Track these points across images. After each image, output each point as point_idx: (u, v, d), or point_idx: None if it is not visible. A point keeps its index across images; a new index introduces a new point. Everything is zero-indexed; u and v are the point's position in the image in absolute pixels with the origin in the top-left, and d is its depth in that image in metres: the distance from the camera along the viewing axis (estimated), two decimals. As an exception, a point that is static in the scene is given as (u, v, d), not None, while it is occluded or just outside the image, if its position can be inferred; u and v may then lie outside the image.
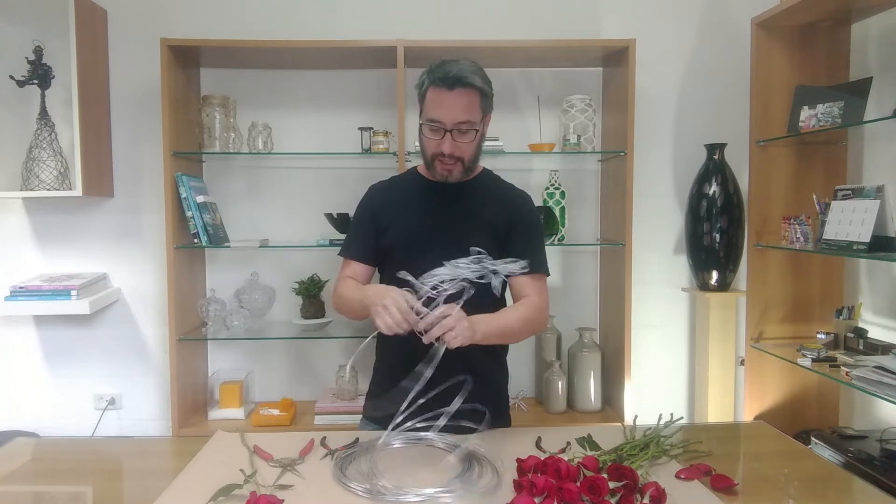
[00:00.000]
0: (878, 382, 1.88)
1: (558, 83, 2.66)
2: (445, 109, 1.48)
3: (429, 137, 1.53)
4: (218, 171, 2.64)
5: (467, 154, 1.55)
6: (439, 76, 1.48)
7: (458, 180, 1.59)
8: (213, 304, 2.48)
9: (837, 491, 1.32)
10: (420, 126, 1.57)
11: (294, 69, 2.62)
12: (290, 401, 2.49)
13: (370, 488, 1.19)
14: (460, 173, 1.57)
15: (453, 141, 1.50)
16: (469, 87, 1.48)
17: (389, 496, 1.16)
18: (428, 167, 1.59)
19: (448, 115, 1.48)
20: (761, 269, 2.48)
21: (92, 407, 2.66)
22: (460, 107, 1.48)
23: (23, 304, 2.38)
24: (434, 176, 1.59)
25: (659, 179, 2.72)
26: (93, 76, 2.45)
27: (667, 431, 1.43)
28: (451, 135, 1.50)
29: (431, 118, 1.50)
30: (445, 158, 1.52)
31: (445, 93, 1.48)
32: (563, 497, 1.10)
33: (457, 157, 1.53)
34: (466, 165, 1.56)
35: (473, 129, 1.52)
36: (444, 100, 1.48)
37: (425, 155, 1.58)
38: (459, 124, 1.49)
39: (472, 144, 1.54)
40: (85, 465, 1.45)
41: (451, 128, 1.49)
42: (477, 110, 1.52)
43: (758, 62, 2.44)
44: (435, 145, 1.52)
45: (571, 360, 2.56)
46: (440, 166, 1.55)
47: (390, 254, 1.63)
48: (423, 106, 1.54)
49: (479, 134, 1.56)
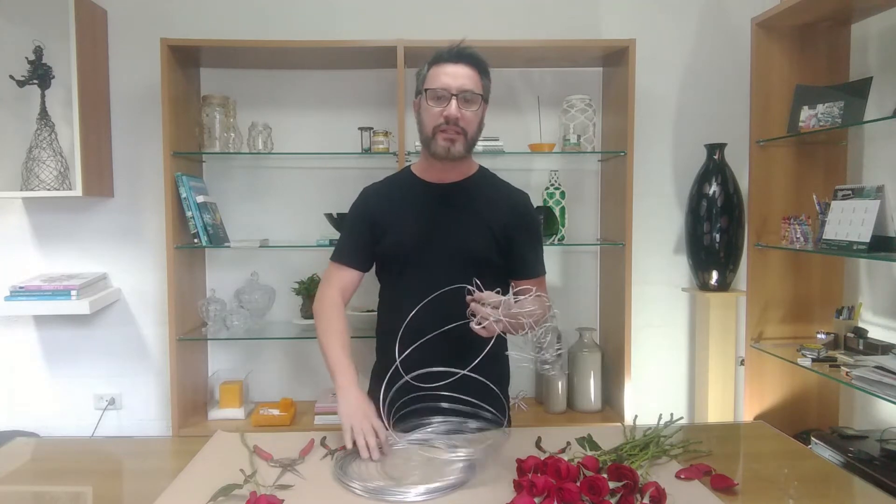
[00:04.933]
0: (878, 382, 1.88)
1: (558, 83, 2.66)
2: (451, 77, 1.49)
3: (432, 107, 1.50)
4: (218, 171, 2.64)
5: (471, 126, 1.52)
6: (442, 53, 1.51)
7: (460, 155, 1.54)
8: (213, 304, 2.48)
9: (837, 491, 1.32)
10: (419, 102, 1.55)
11: (294, 69, 2.62)
12: (290, 401, 2.49)
13: (370, 487, 1.19)
14: (462, 147, 1.52)
15: (458, 108, 1.49)
16: (472, 63, 1.51)
17: (389, 495, 1.16)
18: (428, 145, 1.55)
19: (453, 82, 1.49)
20: (761, 269, 2.48)
21: (92, 407, 2.66)
22: (465, 76, 1.50)
23: (23, 304, 2.38)
24: (435, 152, 1.53)
25: (659, 179, 2.72)
26: (93, 76, 2.45)
27: (667, 431, 1.43)
28: (457, 101, 1.48)
29: (435, 87, 1.49)
30: (449, 128, 1.49)
31: (450, 65, 1.50)
32: (563, 497, 1.10)
33: (461, 128, 1.50)
34: (469, 140, 1.53)
35: (477, 99, 1.51)
36: (449, 70, 1.49)
37: (426, 130, 1.53)
38: (465, 91, 1.49)
39: (477, 116, 1.53)
40: (85, 465, 1.45)
41: (456, 93, 1.48)
42: (479, 85, 1.52)
43: (758, 62, 2.44)
44: (438, 114, 1.49)
45: (571, 360, 2.56)
46: (442, 137, 1.50)
47: (388, 257, 1.62)
48: (425, 82, 1.53)
49: (482, 110, 1.55)
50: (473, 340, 1.36)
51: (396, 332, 1.42)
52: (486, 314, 1.29)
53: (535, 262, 1.65)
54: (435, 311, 1.41)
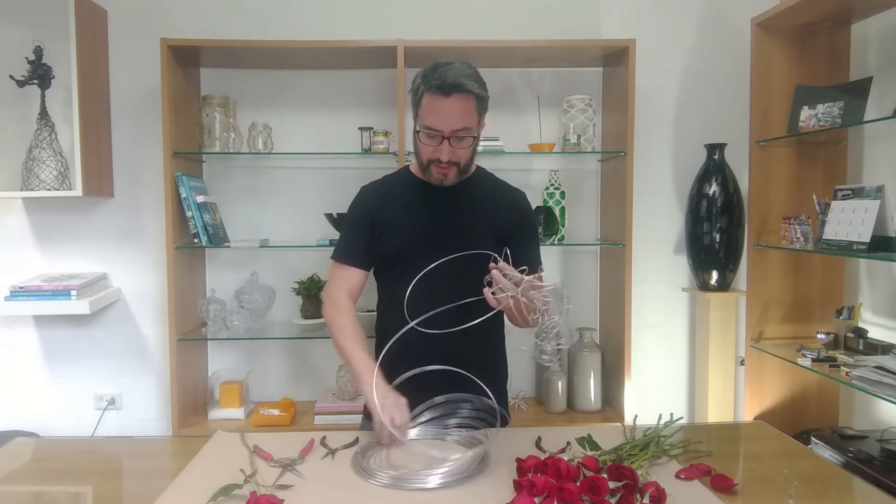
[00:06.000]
0: (878, 382, 1.88)
1: (558, 83, 2.66)
2: (442, 117, 1.46)
3: (425, 143, 1.52)
4: (218, 171, 2.64)
5: (463, 159, 1.54)
6: (435, 82, 1.45)
7: (454, 183, 1.57)
8: (213, 304, 2.48)
9: (837, 491, 1.31)
10: (415, 131, 1.55)
11: (294, 69, 2.62)
12: (290, 401, 2.49)
13: (392, 475, 1.23)
14: (455, 177, 1.56)
15: (451, 147, 1.49)
16: (465, 93, 1.46)
17: (408, 482, 1.21)
18: (423, 171, 1.58)
19: (445, 123, 1.46)
20: (761, 269, 2.48)
21: (92, 407, 2.66)
22: (457, 114, 1.47)
23: (23, 304, 2.38)
24: (429, 180, 1.58)
25: (659, 179, 2.72)
26: (93, 76, 2.45)
27: (667, 431, 1.43)
28: (449, 142, 1.48)
29: (428, 125, 1.49)
30: (442, 164, 1.52)
31: (442, 100, 1.45)
32: (563, 497, 1.10)
33: (453, 163, 1.52)
34: (462, 169, 1.56)
35: (471, 135, 1.51)
36: (441, 107, 1.46)
37: (420, 160, 1.57)
38: (457, 131, 1.48)
39: (469, 150, 1.54)
40: (85, 465, 1.44)
41: (448, 135, 1.48)
42: (473, 115, 1.50)
43: (758, 62, 2.44)
44: (431, 151, 1.51)
45: (571, 360, 2.56)
46: (436, 171, 1.54)
47: (387, 257, 1.62)
48: (419, 111, 1.52)
49: (477, 138, 1.56)
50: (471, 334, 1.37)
51: (397, 333, 1.42)
52: (506, 285, 1.28)
53: (532, 261, 1.65)
54: (439, 299, 1.41)
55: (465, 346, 1.52)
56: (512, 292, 1.28)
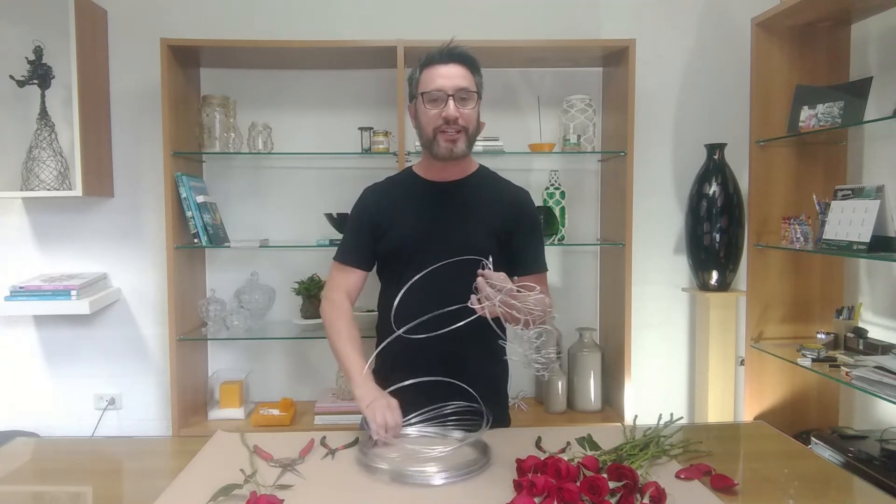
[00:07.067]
0: (878, 382, 1.88)
1: (558, 83, 2.66)
2: (445, 78, 1.50)
3: (429, 109, 1.51)
4: (218, 171, 2.64)
5: (471, 123, 1.54)
6: (433, 55, 1.52)
7: (463, 154, 1.55)
8: (213, 304, 2.48)
9: (837, 491, 1.32)
10: (416, 106, 1.56)
11: (294, 69, 2.62)
12: (290, 401, 2.49)
13: (395, 469, 1.25)
14: (464, 144, 1.54)
15: (456, 106, 1.50)
16: (463, 61, 1.52)
17: (411, 478, 1.23)
18: (429, 147, 1.56)
19: (448, 82, 1.50)
20: (761, 269, 2.48)
21: (92, 407, 2.66)
22: (458, 75, 1.51)
23: (23, 304, 2.38)
24: (437, 153, 1.54)
25: (659, 179, 2.72)
26: (93, 76, 2.45)
27: (667, 431, 1.43)
28: (454, 100, 1.49)
29: (431, 89, 1.50)
30: (449, 128, 1.50)
31: (441, 66, 1.51)
32: (563, 497, 1.10)
33: (461, 126, 1.51)
34: (470, 136, 1.55)
35: (473, 99, 1.52)
36: (441, 71, 1.50)
37: (426, 133, 1.54)
38: (460, 90, 1.50)
39: (474, 112, 1.54)
40: (85, 465, 1.45)
41: (452, 93, 1.49)
42: (472, 81, 1.53)
43: (758, 62, 2.44)
44: (437, 116, 1.50)
45: (571, 360, 2.56)
46: (444, 139, 1.51)
47: (390, 256, 1.62)
48: (419, 86, 1.54)
49: (478, 105, 1.56)
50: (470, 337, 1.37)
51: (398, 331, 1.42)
52: (488, 293, 1.28)
53: (536, 259, 1.65)
54: (433, 303, 1.41)
55: (464, 350, 1.53)
56: (492, 300, 1.28)
